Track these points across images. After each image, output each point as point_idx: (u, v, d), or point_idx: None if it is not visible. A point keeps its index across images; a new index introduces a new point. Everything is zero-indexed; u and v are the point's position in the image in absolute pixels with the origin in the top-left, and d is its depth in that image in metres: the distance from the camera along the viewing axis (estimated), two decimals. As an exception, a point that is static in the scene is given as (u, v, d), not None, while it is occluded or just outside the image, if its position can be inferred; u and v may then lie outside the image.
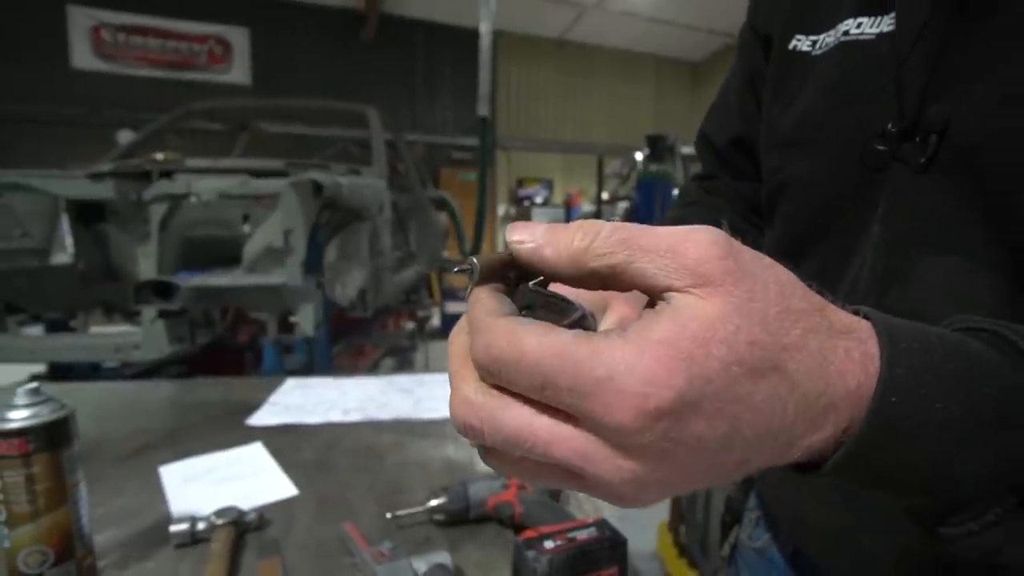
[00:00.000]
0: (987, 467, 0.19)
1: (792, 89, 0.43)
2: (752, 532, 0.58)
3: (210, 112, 3.08)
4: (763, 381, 0.18)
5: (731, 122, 0.57)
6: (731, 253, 0.18)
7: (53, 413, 0.50)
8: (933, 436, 0.19)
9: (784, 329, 0.18)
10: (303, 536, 0.62)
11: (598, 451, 0.18)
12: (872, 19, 0.38)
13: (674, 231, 0.19)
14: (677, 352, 0.17)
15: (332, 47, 8.28)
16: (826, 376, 0.18)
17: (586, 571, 0.47)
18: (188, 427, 0.93)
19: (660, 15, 8.92)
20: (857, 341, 0.19)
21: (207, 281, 1.46)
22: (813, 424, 0.19)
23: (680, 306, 0.18)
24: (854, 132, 0.37)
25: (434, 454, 0.84)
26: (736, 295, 0.18)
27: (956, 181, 0.33)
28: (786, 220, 0.46)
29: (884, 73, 0.36)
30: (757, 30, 0.51)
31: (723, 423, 0.17)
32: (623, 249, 0.19)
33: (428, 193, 4.43)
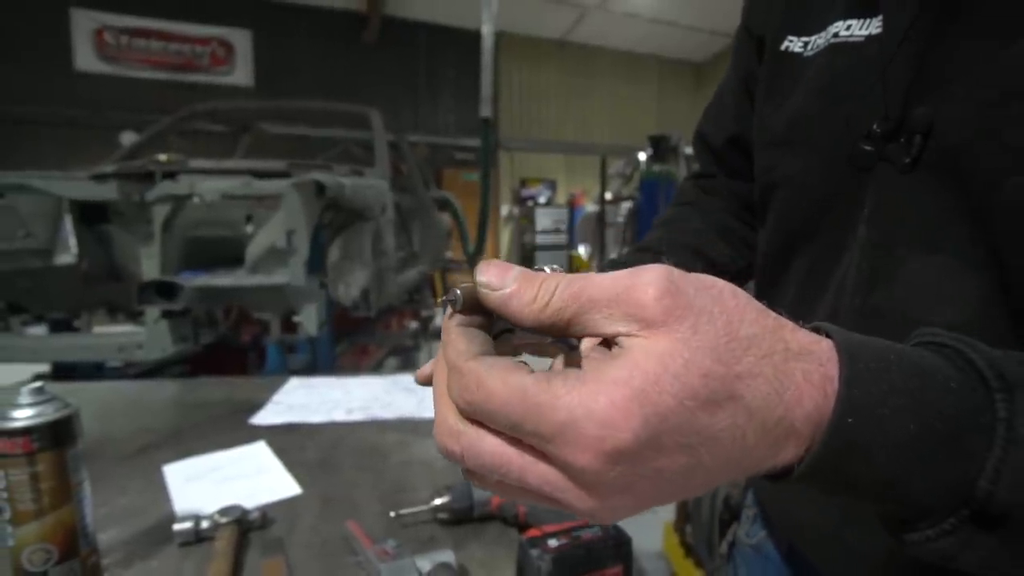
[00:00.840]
0: (941, 482, 0.19)
1: (784, 89, 0.44)
2: (749, 529, 0.59)
3: (212, 114, 3.09)
4: (720, 411, 0.18)
5: (727, 122, 0.57)
6: (669, 292, 0.18)
7: (57, 412, 0.50)
8: (890, 454, 0.19)
9: (735, 357, 0.18)
10: (307, 535, 0.61)
11: (566, 484, 0.19)
12: (861, 21, 0.38)
13: (617, 279, 0.19)
14: (631, 392, 0.17)
15: (334, 49, 8.30)
16: (784, 401, 0.19)
17: (590, 570, 0.46)
18: (191, 426, 0.93)
19: (662, 16, 8.91)
20: (816, 363, 0.19)
21: (210, 281, 1.46)
22: (774, 448, 0.19)
23: (630, 348, 0.18)
24: (842, 132, 0.38)
25: (437, 453, 0.83)
26: (680, 331, 0.18)
27: (941, 181, 0.33)
28: (777, 218, 0.46)
29: (871, 74, 0.36)
30: (751, 31, 0.51)
31: (682, 456, 0.18)
32: (574, 303, 0.20)
33: (431, 194, 4.43)
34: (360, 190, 2.03)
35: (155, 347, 1.51)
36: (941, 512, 0.20)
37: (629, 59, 10.45)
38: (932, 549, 0.20)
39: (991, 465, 0.19)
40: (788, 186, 0.44)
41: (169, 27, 7.47)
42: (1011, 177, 0.30)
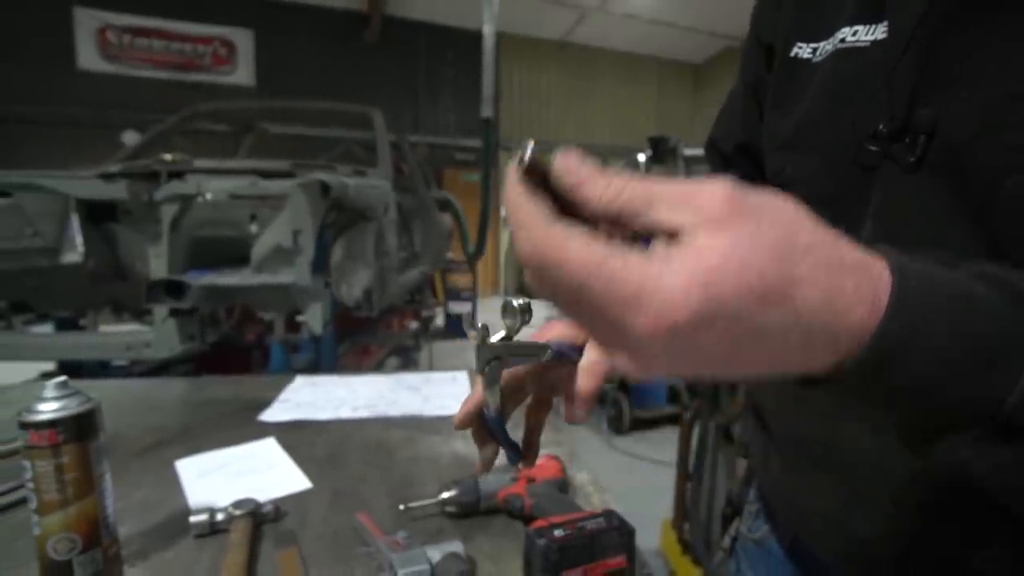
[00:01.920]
0: (972, 396, 0.21)
1: (793, 95, 0.45)
2: (752, 524, 0.60)
3: (215, 113, 3.10)
4: (771, 310, 0.19)
5: (736, 129, 0.59)
6: (736, 196, 0.20)
7: (80, 406, 0.52)
8: (928, 366, 0.21)
9: (793, 261, 0.20)
10: (318, 527, 0.63)
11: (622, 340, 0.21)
12: (867, 27, 0.39)
13: (686, 183, 0.21)
14: (695, 276, 0.19)
15: (335, 49, 8.32)
16: (833, 310, 0.20)
17: (595, 559, 0.48)
18: (201, 423, 0.95)
19: (662, 17, 8.93)
20: (868, 278, 0.21)
21: (217, 280, 1.48)
22: (810, 352, 0.21)
23: (694, 239, 0.20)
24: (848, 134, 0.39)
25: (443, 449, 0.85)
26: (741, 231, 0.19)
27: (944, 179, 0.34)
28: None
29: (877, 77, 0.37)
30: (760, 39, 0.53)
31: (727, 343, 0.20)
32: (645, 194, 0.21)
33: (432, 194, 4.45)
34: (363, 190, 2.04)
35: (163, 346, 1.53)
36: (966, 423, 0.21)
37: (629, 60, 10.47)
38: (950, 457, 0.22)
39: (1020, 386, 0.20)
40: (797, 187, 0.45)
41: (171, 26, 7.49)
42: (1012, 175, 0.31)
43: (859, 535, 0.41)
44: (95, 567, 0.53)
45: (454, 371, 1.28)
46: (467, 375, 1.25)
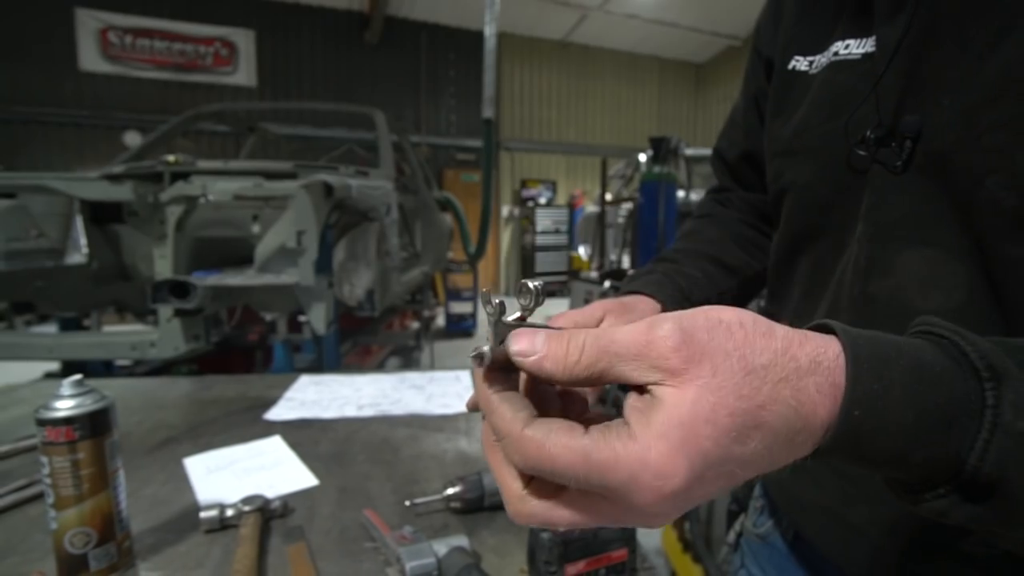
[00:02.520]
0: (937, 459, 0.22)
1: (791, 104, 0.47)
2: (756, 520, 0.62)
3: (219, 115, 3.12)
4: (750, 440, 0.21)
5: (739, 139, 0.61)
6: (684, 342, 0.21)
7: (95, 403, 0.53)
8: (891, 438, 0.22)
9: (755, 389, 0.21)
10: (326, 522, 0.65)
11: (628, 515, 0.22)
12: (859, 41, 0.41)
13: (637, 333, 0.22)
14: (675, 444, 0.20)
15: (336, 49, 8.34)
16: (802, 416, 0.22)
17: (598, 552, 0.50)
18: (208, 422, 0.96)
19: (663, 17, 8.93)
20: (825, 375, 0.22)
21: (222, 281, 1.49)
22: (796, 451, 0.23)
23: (662, 398, 0.21)
24: (840, 140, 0.41)
25: (447, 447, 0.87)
26: (703, 376, 0.21)
27: (929, 180, 0.36)
28: (786, 221, 0.50)
29: (867, 87, 0.39)
30: (760, 53, 0.55)
31: (722, 480, 0.21)
32: (604, 358, 0.22)
33: (433, 194, 4.46)
34: (366, 191, 2.06)
35: (168, 346, 1.54)
36: (937, 480, 0.23)
37: (630, 60, 10.47)
38: (929, 508, 0.23)
39: (979, 446, 0.22)
40: (794, 191, 0.47)
41: (173, 27, 7.51)
42: (991, 175, 0.33)
43: (858, 527, 0.42)
44: (110, 560, 0.54)
45: (457, 371, 1.30)
46: (470, 374, 1.26)
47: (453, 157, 9.24)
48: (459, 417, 1.01)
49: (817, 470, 0.46)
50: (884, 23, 0.39)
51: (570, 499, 0.23)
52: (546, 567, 0.49)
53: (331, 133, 7.70)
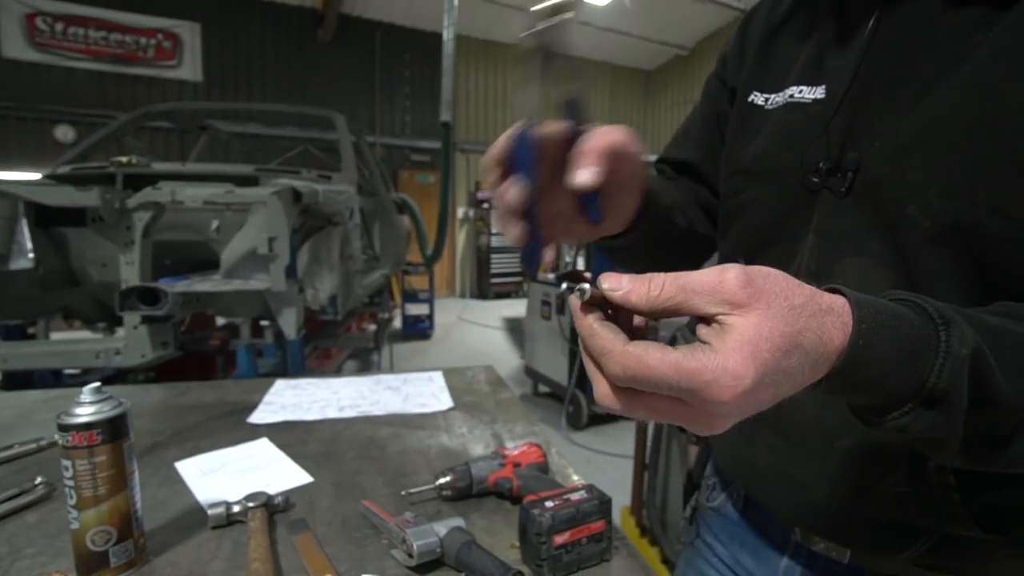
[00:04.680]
0: (908, 380, 0.32)
1: (750, 131, 0.57)
2: (709, 495, 0.71)
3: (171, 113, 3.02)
4: (792, 356, 0.29)
5: (689, 148, 0.70)
6: (748, 282, 0.29)
7: (114, 409, 0.57)
8: (881, 365, 0.31)
9: (796, 319, 0.29)
10: (326, 514, 0.70)
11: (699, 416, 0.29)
12: (810, 88, 0.51)
13: (709, 275, 0.29)
14: (746, 355, 0.27)
15: (288, 46, 8.13)
16: (823, 342, 0.30)
17: (580, 524, 0.58)
18: (193, 427, 0.98)
19: (615, 25, 9.21)
20: (839, 315, 0.31)
21: (192, 287, 1.48)
22: (818, 371, 0.31)
23: (732, 324, 0.28)
24: (796, 167, 0.51)
25: (431, 443, 0.93)
26: (760, 309, 0.28)
27: (865, 204, 0.47)
28: (741, 233, 0.59)
29: (818, 127, 0.49)
30: (725, 82, 0.64)
31: (772, 387, 0.29)
32: (680, 293, 0.29)
33: (390, 196, 4.45)
34: (331, 196, 2.07)
35: (135, 353, 1.52)
36: (904, 399, 0.32)
37: (583, 65, 10.72)
38: (893, 425, 0.32)
39: (936, 369, 0.31)
40: (754, 205, 0.57)
41: (110, 16, 7.11)
42: (910, 204, 0.43)
43: (801, 481, 0.52)
44: (128, 556, 0.58)
45: (429, 371, 1.35)
46: (442, 375, 1.32)
47: (408, 158, 9.19)
48: (437, 415, 1.07)
49: (767, 435, 0.55)
50: (832, 78, 0.50)
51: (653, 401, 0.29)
52: (537, 539, 0.56)
53: (282, 132, 7.52)
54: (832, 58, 0.50)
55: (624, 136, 0.43)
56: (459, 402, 1.14)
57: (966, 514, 0.43)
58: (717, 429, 0.30)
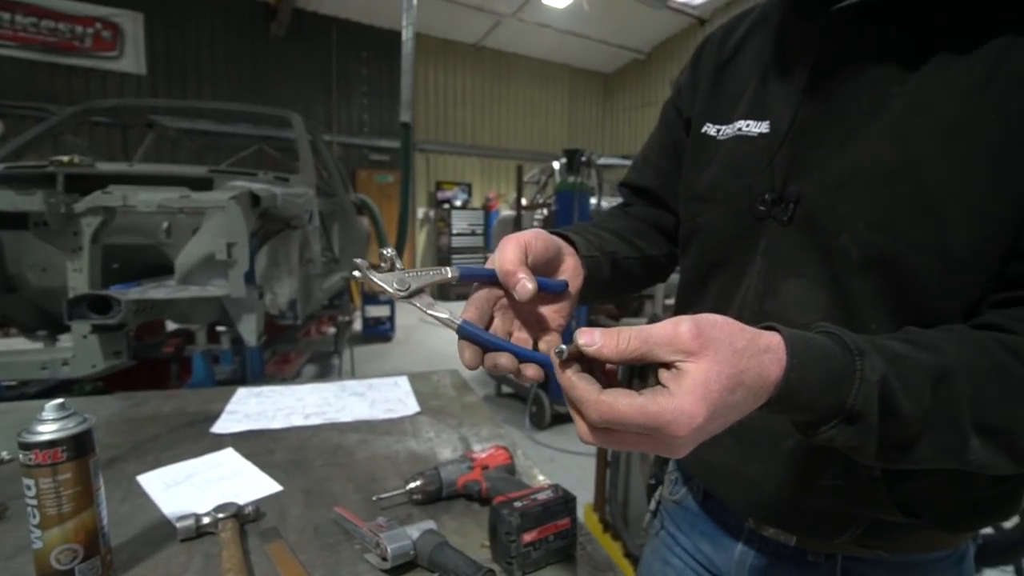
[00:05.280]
0: (831, 403, 0.37)
1: (704, 160, 0.61)
2: (672, 489, 0.76)
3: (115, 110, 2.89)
4: (737, 392, 0.34)
5: (649, 174, 0.74)
6: (699, 333, 0.33)
7: (79, 425, 0.56)
8: (809, 392, 0.36)
9: (739, 361, 0.34)
10: (298, 522, 0.71)
11: (663, 447, 0.34)
12: (757, 122, 0.56)
13: (666, 326, 0.34)
14: (698, 397, 0.32)
15: (240, 40, 7.86)
16: (763, 377, 0.35)
17: (547, 522, 0.61)
18: (153, 439, 0.96)
19: (574, 28, 9.35)
20: (775, 353, 0.36)
21: (146, 294, 1.43)
22: (757, 400, 0.36)
23: (686, 370, 0.33)
24: (745, 195, 0.56)
25: (399, 448, 0.95)
26: (709, 355, 0.33)
27: (804, 232, 0.52)
28: (698, 253, 0.64)
29: (763, 159, 0.54)
30: (680, 111, 0.69)
31: (722, 419, 0.34)
32: (643, 345, 0.34)
33: (349, 197, 4.39)
34: (290, 199, 2.04)
35: (84, 364, 1.45)
36: (830, 418, 0.37)
37: (542, 67, 10.82)
38: (823, 437, 0.38)
39: (853, 392, 0.36)
40: (707, 229, 0.62)
41: (40, 1, 6.68)
42: (842, 234, 0.49)
43: (753, 477, 0.57)
44: (95, 573, 0.57)
45: (395, 376, 1.36)
46: (407, 380, 1.33)
47: (366, 157, 9.06)
48: (404, 420, 1.08)
49: (724, 438, 0.60)
50: (775, 115, 0.55)
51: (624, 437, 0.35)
52: (506, 537, 0.59)
53: (234, 129, 7.27)
54: (775, 96, 0.55)
55: (516, 250, 0.46)
56: (425, 406, 1.16)
57: (890, 502, 0.49)
58: (678, 455, 0.35)
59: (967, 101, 0.43)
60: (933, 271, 0.44)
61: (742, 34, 0.63)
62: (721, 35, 0.67)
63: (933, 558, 0.56)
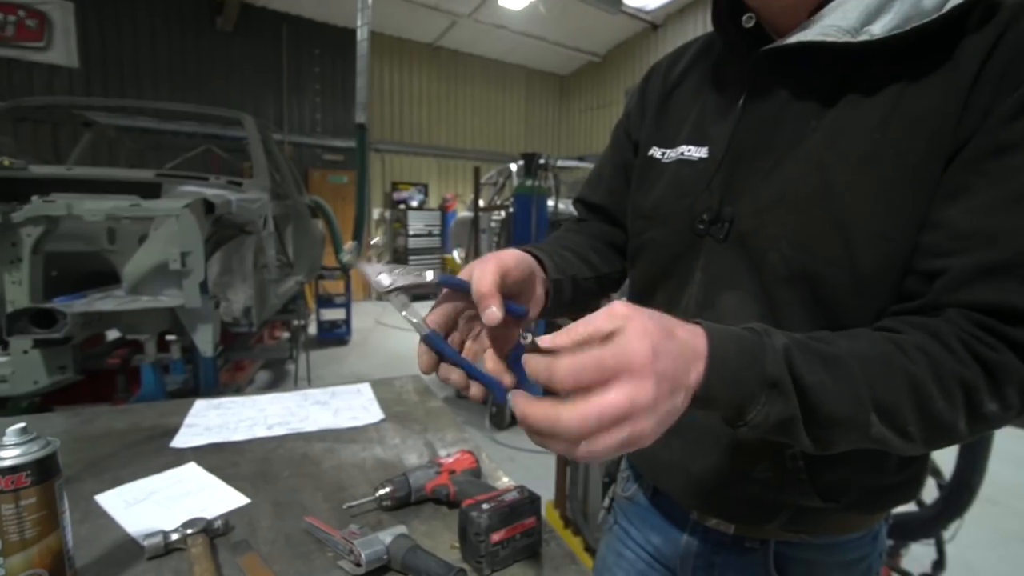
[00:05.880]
0: (751, 392, 0.40)
1: (649, 180, 0.67)
2: (624, 486, 0.82)
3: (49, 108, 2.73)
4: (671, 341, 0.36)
5: (601, 193, 0.80)
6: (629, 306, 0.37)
7: (43, 449, 0.56)
8: (728, 382, 0.39)
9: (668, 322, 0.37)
10: (269, 533, 0.72)
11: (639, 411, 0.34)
12: (697, 148, 0.62)
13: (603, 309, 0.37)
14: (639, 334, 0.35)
15: (183, 33, 7.52)
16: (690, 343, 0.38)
17: (514, 522, 0.65)
18: (107, 456, 0.94)
19: (530, 30, 9.43)
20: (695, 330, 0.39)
21: (94, 306, 1.38)
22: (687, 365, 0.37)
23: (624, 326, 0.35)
24: (686, 215, 0.61)
25: (365, 456, 0.96)
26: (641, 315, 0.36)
27: (738, 249, 0.58)
28: (646, 266, 0.69)
29: (702, 182, 0.60)
30: (630, 134, 0.74)
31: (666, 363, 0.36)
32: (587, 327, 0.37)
33: (303, 199, 4.30)
34: (244, 205, 1.99)
35: (25, 380, 1.38)
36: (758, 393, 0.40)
37: (499, 68, 10.86)
38: (755, 420, 0.41)
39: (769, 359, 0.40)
40: (652, 245, 0.67)
41: (-44, -13, 6.17)
42: (770, 252, 0.54)
43: (696, 473, 0.63)
44: (61, 596, 0.57)
45: (357, 383, 1.37)
46: (369, 387, 1.34)
47: (320, 157, 8.85)
48: (369, 428, 1.10)
49: (670, 438, 0.66)
50: (713, 141, 0.61)
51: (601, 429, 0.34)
52: (476, 538, 0.62)
53: (178, 127, 6.96)
54: (713, 125, 0.61)
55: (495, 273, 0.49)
56: (389, 413, 1.17)
57: (812, 490, 0.56)
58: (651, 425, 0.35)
59: (871, 138, 0.49)
60: (845, 286, 0.51)
61: (685, 65, 0.69)
62: (667, 64, 0.73)
63: (852, 538, 0.63)
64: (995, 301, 0.43)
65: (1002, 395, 0.43)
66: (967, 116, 0.45)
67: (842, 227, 0.50)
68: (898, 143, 0.48)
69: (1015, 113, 0.44)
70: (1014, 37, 0.45)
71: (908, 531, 1.79)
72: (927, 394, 0.42)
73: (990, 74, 0.45)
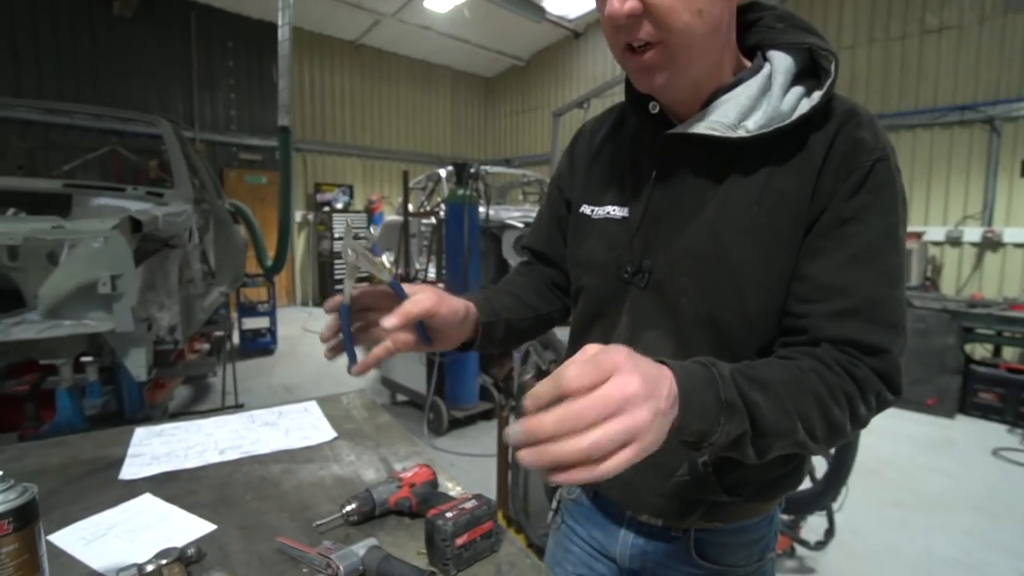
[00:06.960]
0: (715, 415, 0.51)
1: (583, 234, 0.78)
2: (569, 490, 0.93)
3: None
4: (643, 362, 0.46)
5: (540, 241, 0.92)
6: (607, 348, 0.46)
7: (21, 496, 0.58)
8: (692, 411, 0.49)
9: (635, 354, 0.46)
10: (242, 556, 0.75)
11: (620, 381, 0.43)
12: (619, 208, 0.74)
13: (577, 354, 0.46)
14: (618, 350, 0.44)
15: (73, 17, 6.84)
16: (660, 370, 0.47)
17: (475, 526, 0.74)
18: (52, 493, 0.92)
19: (455, 32, 9.45)
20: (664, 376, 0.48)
21: (10, 335, 1.29)
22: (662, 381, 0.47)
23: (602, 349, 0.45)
24: (613, 265, 0.73)
25: (323, 474, 1.01)
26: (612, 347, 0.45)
27: (656, 296, 0.70)
28: (583, 307, 0.82)
29: (626, 238, 0.72)
30: (562, 191, 0.85)
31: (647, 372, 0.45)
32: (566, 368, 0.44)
33: (224, 204, 4.10)
34: (170, 220, 1.92)
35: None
36: (718, 415, 0.50)
37: (424, 68, 10.79)
38: (718, 443, 0.50)
39: (721, 388, 0.50)
40: (588, 289, 0.79)
41: None
42: (681, 298, 0.67)
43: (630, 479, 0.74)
44: (43, 636, 0.59)
45: (304, 401, 1.39)
46: (316, 404, 1.37)
47: (235, 156, 8.39)
48: (323, 447, 1.14)
49: None
50: (633, 206, 0.73)
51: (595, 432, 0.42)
52: (442, 543, 0.71)
53: (71, 121, 6.36)
54: (630, 192, 0.74)
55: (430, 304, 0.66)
56: (341, 430, 1.21)
57: (719, 488, 0.70)
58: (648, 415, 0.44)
59: (750, 210, 0.63)
60: (739, 325, 0.64)
61: (606, 132, 0.82)
62: (591, 128, 0.85)
63: (754, 522, 0.78)
64: (851, 337, 0.58)
65: (867, 401, 0.59)
66: (817, 195, 0.60)
67: (733, 279, 0.63)
68: (770, 215, 0.62)
69: (850, 194, 0.59)
70: (844, 137, 0.60)
71: (804, 506, 2.08)
72: (827, 405, 0.56)
73: (831, 164, 0.60)
